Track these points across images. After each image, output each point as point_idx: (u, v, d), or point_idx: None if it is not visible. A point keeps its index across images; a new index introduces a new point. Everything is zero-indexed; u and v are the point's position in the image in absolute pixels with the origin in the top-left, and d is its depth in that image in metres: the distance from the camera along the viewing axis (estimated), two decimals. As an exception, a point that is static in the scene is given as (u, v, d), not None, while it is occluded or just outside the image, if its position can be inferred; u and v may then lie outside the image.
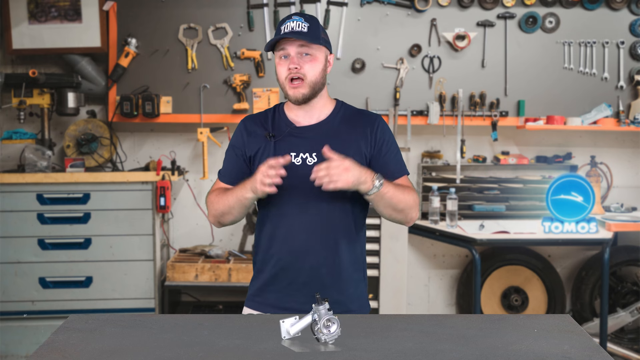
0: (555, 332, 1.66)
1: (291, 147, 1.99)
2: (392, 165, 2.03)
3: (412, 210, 1.98)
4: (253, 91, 4.02)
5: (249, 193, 1.91)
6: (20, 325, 3.75)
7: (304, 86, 1.96)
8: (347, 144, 2.00)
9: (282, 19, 2.00)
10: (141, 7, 4.02)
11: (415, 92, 4.07)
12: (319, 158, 1.96)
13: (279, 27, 1.98)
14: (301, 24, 1.94)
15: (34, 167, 3.76)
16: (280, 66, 1.98)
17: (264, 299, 2.05)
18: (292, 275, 2.00)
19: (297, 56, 1.95)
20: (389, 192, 1.90)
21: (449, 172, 4.19)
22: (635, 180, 4.33)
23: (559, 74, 4.09)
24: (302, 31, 1.93)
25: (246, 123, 2.09)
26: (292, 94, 1.97)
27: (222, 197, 2.01)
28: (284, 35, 1.93)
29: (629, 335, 4.06)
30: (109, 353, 1.50)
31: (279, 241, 2.00)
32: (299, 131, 2.02)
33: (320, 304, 1.54)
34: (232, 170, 2.09)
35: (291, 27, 1.94)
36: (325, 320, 1.53)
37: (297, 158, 1.98)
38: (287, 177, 1.92)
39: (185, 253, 4.04)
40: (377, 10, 4.05)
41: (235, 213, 2.02)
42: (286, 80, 1.97)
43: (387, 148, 2.03)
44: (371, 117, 2.06)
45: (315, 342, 1.54)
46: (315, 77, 1.97)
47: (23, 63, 4.10)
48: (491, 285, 4.16)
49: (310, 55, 1.96)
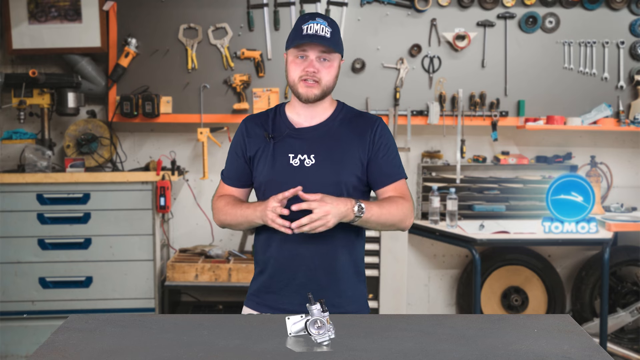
0: (555, 332, 1.66)
1: (289, 148, 2.00)
2: (389, 169, 2.03)
3: (403, 222, 2.00)
4: (253, 91, 4.02)
5: (259, 220, 1.94)
6: (20, 325, 3.75)
7: (317, 87, 1.97)
8: (345, 146, 2.00)
9: (304, 16, 2.00)
10: (141, 7, 4.02)
11: (415, 92, 4.07)
12: (317, 160, 1.97)
13: (300, 24, 1.97)
14: (325, 27, 1.95)
15: (34, 167, 3.76)
16: (295, 65, 1.98)
17: (262, 300, 2.06)
18: (289, 277, 2.01)
19: (316, 60, 1.96)
20: (373, 216, 1.92)
21: (449, 172, 4.19)
22: (635, 180, 4.33)
23: (559, 74, 4.09)
24: (326, 36, 1.94)
25: (247, 124, 2.09)
26: (304, 92, 1.98)
27: (230, 210, 2.03)
28: (310, 39, 1.93)
29: (629, 335, 4.06)
30: (109, 353, 1.50)
31: (277, 243, 2.00)
32: (298, 132, 2.02)
33: (313, 304, 1.55)
34: (235, 172, 2.10)
35: (315, 30, 1.94)
36: (314, 321, 1.54)
37: (295, 159, 1.98)
38: (283, 177, 1.96)
39: (185, 253, 4.04)
40: (377, 10, 4.05)
41: (242, 228, 2.09)
42: (299, 79, 1.97)
43: (385, 151, 2.02)
44: (371, 120, 2.06)
45: (316, 342, 1.55)
46: (329, 82, 1.99)
47: (23, 63, 4.10)
48: (491, 285, 4.16)
49: (328, 61, 1.98)
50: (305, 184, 1.93)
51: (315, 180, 1.96)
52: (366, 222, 1.93)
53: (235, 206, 2.03)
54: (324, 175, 1.97)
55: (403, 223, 2.01)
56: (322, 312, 1.54)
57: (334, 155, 1.98)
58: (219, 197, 2.12)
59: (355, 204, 1.89)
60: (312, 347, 1.53)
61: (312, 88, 1.97)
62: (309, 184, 1.93)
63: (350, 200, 1.90)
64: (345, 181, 1.99)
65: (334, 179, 1.97)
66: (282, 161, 1.99)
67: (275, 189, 1.93)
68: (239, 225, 2.05)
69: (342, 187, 1.98)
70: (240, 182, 2.10)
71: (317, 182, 1.95)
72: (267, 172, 2.01)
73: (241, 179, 2.10)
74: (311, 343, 1.54)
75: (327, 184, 1.96)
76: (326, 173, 1.97)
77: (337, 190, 1.96)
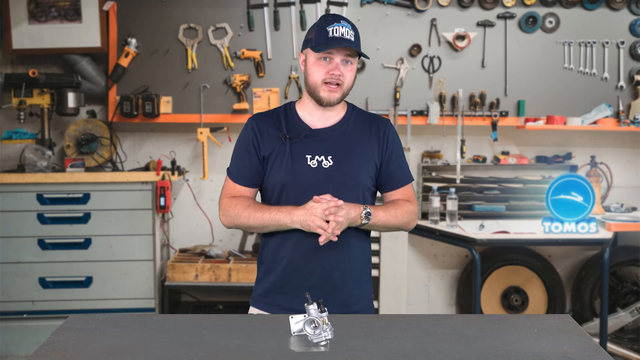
0: (555, 332, 1.66)
1: (307, 149, 1.99)
2: (398, 174, 2.08)
3: (408, 225, 2.07)
4: (253, 91, 4.02)
5: (296, 225, 1.92)
6: (20, 325, 3.75)
7: (339, 91, 1.98)
8: (360, 148, 2.02)
9: (326, 17, 1.99)
10: (141, 7, 4.02)
11: (415, 92, 4.07)
12: (334, 161, 1.98)
13: (323, 26, 1.95)
14: (349, 31, 1.95)
15: (34, 167, 3.76)
16: (319, 67, 1.96)
17: (273, 300, 2.04)
18: (304, 277, 2.00)
19: (340, 63, 1.96)
20: (380, 221, 1.98)
21: (449, 172, 4.19)
22: (635, 180, 4.33)
23: (559, 74, 4.09)
24: (351, 40, 1.95)
25: (257, 121, 2.05)
26: (326, 96, 1.97)
27: (254, 214, 1.97)
28: (340, 42, 1.92)
29: (629, 335, 4.06)
30: (109, 353, 1.50)
31: (291, 243, 1.99)
32: (315, 133, 2.02)
33: (310, 304, 1.55)
34: (247, 171, 2.04)
35: (341, 33, 1.94)
36: (310, 320, 1.54)
37: (312, 160, 1.98)
38: (302, 179, 1.96)
39: (185, 253, 4.04)
40: (377, 10, 4.05)
41: (262, 231, 2.01)
42: (322, 82, 1.96)
43: (396, 155, 2.07)
44: (382, 123, 2.09)
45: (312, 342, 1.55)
46: (350, 84, 2.00)
47: (23, 63, 4.10)
48: (491, 285, 4.16)
49: (350, 64, 1.98)
50: (323, 185, 1.94)
51: (333, 182, 1.97)
52: (372, 227, 1.98)
53: (261, 210, 1.97)
54: (342, 177, 1.98)
55: (408, 225, 2.07)
56: (320, 313, 1.54)
57: (351, 157, 2.00)
58: (230, 197, 2.04)
59: (364, 210, 1.93)
60: (312, 347, 1.53)
61: (334, 92, 1.97)
62: (327, 185, 1.94)
63: (360, 206, 1.93)
64: (362, 183, 2.01)
65: (352, 181, 1.99)
66: (300, 162, 1.98)
67: (294, 190, 1.94)
68: (265, 228, 1.98)
69: (359, 188, 2.00)
70: (253, 181, 2.04)
71: (335, 184, 1.96)
72: (285, 174, 1.98)
73: (254, 179, 2.04)
74: (311, 343, 1.54)
75: (345, 185, 1.98)
76: (344, 174, 1.98)
77: (355, 191, 1.99)
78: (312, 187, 1.94)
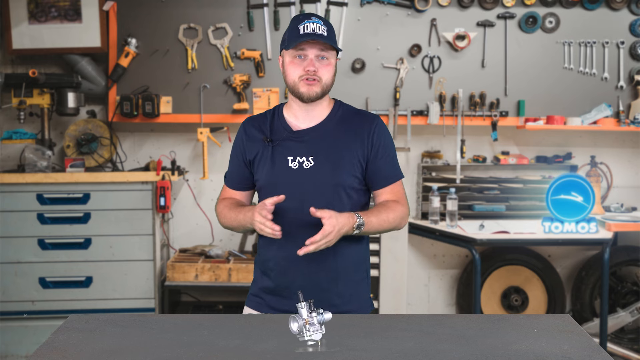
0: (555, 332, 1.66)
1: (288, 151, 2.00)
2: (387, 171, 2.04)
3: (398, 225, 2.05)
4: (253, 91, 4.02)
5: (251, 226, 1.96)
6: (20, 325, 3.75)
7: (318, 85, 1.97)
8: (343, 147, 2.00)
9: (297, 16, 1.99)
10: (141, 7, 4.02)
11: (415, 92, 4.07)
12: (316, 162, 1.98)
13: (295, 25, 1.96)
14: (321, 26, 1.94)
15: (34, 167, 3.76)
16: (294, 65, 1.97)
17: (263, 300, 2.07)
18: (289, 279, 2.00)
19: (314, 59, 1.96)
20: (372, 228, 1.96)
21: (449, 172, 4.19)
22: (635, 180, 4.33)
23: (559, 74, 4.09)
24: (323, 34, 1.93)
25: (246, 126, 2.10)
26: (305, 91, 1.97)
27: (227, 213, 2.06)
28: (310, 37, 1.92)
29: (629, 335, 4.06)
30: (109, 353, 1.50)
31: (277, 245, 1.99)
32: (296, 135, 2.02)
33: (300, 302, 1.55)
34: (236, 175, 2.12)
35: (312, 29, 1.93)
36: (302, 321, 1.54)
37: (294, 162, 1.98)
38: (283, 181, 1.97)
39: (185, 253, 4.04)
40: (377, 10, 4.05)
41: (241, 231, 2.13)
42: (299, 79, 1.97)
43: (383, 152, 2.02)
44: (369, 119, 2.05)
45: (317, 342, 1.55)
46: (329, 80, 2.00)
47: (23, 63, 4.10)
48: (491, 285, 4.16)
49: (326, 60, 1.97)
50: (304, 187, 1.94)
51: (315, 183, 1.96)
52: (364, 233, 1.98)
53: (232, 210, 2.05)
54: (323, 177, 1.97)
55: (398, 227, 2.05)
56: (310, 313, 1.54)
57: (332, 157, 1.98)
58: (222, 199, 2.13)
59: (356, 221, 1.90)
60: (312, 347, 1.53)
61: (313, 86, 1.97)
62: (308, 186, 1.94)
63: (352, 217, 1.90)
64: (344, 183, 1.99)
65: (333, 181, 1.97)
66: (281, 164, 1.99)
67: (274, 192, 1.93)
68: (238, 229, 2.07)
69: (340, 189, 1.99)
70: (242, 185, 2.11)
71: (316, 184, 1.96)
72: (267, 176, 2.01)
73: (242, 182, 2.11)
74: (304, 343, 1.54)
75: (326, 186, 1.97)
76: (325, 175, 1.97)
77: (336, 191, 1.97)
78: (293, 189, 1.94)
